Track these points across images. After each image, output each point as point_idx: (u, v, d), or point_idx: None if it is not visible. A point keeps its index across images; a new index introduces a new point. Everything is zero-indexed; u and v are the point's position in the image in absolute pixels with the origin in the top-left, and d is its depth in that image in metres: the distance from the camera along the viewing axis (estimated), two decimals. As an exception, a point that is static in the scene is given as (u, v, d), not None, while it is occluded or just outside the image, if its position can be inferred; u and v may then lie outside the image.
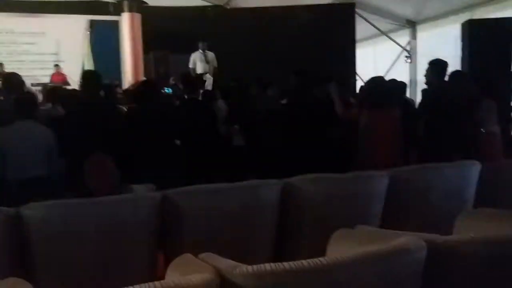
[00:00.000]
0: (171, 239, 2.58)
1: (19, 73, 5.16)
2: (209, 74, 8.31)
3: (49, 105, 5.10)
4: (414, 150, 4.53)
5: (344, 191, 2.72)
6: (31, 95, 3.98)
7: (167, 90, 6.52)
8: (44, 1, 10.92)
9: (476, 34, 6.61)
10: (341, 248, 1.84)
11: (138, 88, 4.46)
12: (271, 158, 4.07)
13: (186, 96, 4.89)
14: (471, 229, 2.08)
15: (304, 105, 4.05)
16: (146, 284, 1.27)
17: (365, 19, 10.19)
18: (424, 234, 1.63)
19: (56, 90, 5.56)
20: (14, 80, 4.77)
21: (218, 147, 4.46)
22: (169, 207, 2.53)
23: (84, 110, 3.82)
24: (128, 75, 10.42)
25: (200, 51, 8.44)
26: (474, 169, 3.04)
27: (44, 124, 3.74)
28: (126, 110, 4.71)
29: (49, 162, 3.60)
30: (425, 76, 4.63)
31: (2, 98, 4.72)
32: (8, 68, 9.72)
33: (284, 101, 5.51)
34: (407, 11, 10.43)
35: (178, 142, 4.26)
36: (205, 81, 6.59)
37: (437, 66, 4.36)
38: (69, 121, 3.84)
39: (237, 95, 5.09)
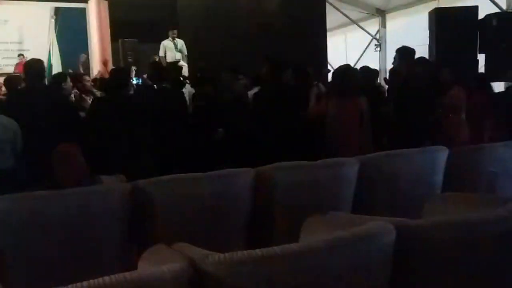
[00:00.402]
0: (144, 230, 2.55)
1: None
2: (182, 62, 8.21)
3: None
4: (386, 135, 4.62)
5: (315, 178, 2.75)
6: None
7: (136, 80, 6.40)
8: (7, -13, 10.50)
9: (443, 22, 6.75)
10: (314, 235, 1.86)
11: (110, 76, 4.34)
12: (243, 146, 4.06)
13: (155, 85, 4.80)
14: (439, 213, 2.14)
15: (276, 91, 4.03)
16: (117, 275, 1.25)
17: (336, 8, 10.24)
18: (393, 219, 1.67)
19: (12, 79, 5.31)
20: None
21: (189, 135, 4.42)
22: (140, 198, 2.50)
23: (24, 98, 3.67)
24: (96, 64, 10.16)
25: (170, 39, 8.31)
26: (442, 155, 3.12)
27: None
28: (94, 99, 4.58)
29: (14, 154, 3.47)
30: (393, 63, 4.71)
31: None
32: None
33: (254, 89, 5.49)
34: (377, 0, 10.55)
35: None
36: (181, 68, 6.49)
37: (404, 53, 4.44)
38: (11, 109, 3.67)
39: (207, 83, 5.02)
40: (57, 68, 10.82)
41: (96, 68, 9.82)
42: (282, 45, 7.69)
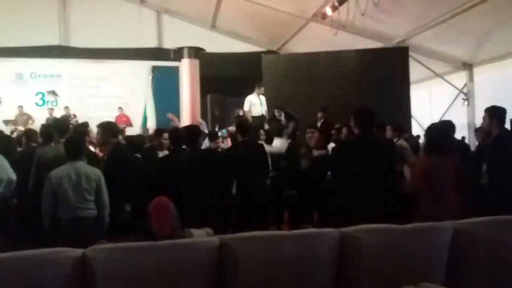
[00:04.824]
0: (228, 284, 2.59)
1: (86, 115, 5.55)
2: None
3: None
4: (473, 198, 4.33)
5: (405, 244, 2.62)
6: (79, 139, 4.30)
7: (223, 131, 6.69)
8: (110, 49, 11.77)
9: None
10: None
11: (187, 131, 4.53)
12: (326, 205, 4.00)
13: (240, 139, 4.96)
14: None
15: (366, 149, 3.90)
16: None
17: (419, 62, 10.07)
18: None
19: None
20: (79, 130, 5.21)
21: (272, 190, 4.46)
22: (226, 253, 2.55)
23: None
24: (186, 117, 10.89)
25: (256, 94, 8.66)
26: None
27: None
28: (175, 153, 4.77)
29: (98, 201, 3.74)
30: (483, 124, 4.47)
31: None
32: (77, 111, 10.50)
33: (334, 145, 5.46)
34: (463, 54, 10.25)
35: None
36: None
37: (494, 113, 4.23)
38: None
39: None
40: (151, 120, 11.84)
41: (186, 120, 10.52)
42: (365, 99, 7.68)
